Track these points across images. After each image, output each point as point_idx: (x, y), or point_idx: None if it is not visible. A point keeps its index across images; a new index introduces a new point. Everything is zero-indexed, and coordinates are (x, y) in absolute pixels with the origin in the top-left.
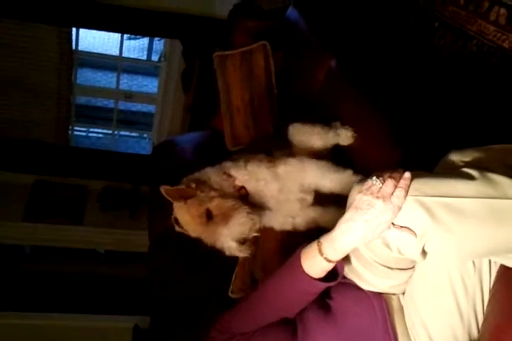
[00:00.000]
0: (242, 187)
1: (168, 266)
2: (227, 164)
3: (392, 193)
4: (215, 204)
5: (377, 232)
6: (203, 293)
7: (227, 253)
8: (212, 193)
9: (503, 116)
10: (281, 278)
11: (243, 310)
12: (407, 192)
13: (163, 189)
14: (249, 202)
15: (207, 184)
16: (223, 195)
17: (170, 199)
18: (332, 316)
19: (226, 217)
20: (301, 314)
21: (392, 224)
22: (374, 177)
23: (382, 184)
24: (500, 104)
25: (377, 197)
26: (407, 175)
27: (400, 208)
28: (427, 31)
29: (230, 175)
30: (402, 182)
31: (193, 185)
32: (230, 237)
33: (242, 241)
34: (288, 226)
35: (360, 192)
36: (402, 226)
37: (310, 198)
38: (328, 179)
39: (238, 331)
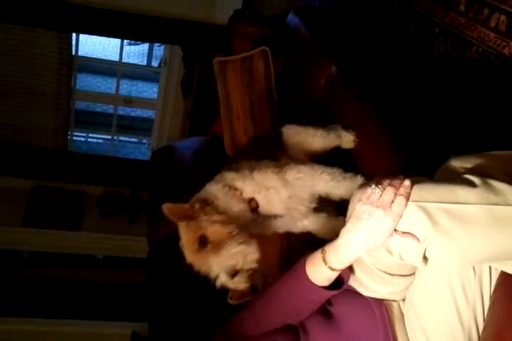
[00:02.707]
0: (252, 199)
1: (167, 272)
2: (230, 176)
3: (393, 201)
4: (213, 230)
5: (380, 241)
6: (202, 299)
7: (218, 285)
8: (216, 217)
9: (503, 123)
10: (285, 284)
11: (248, 315)
12: (407, 199)
13: (166, 208)
14: (259, 213)
15: (213, 205)
16: (227, 219)
17: (172, 219)
18: (333, 322)
19: (219, 246)
20: (303, 320)
21: (395, 230)
22: (373, 186)
23: (382, 192)
24: (501, 110)
25: (377, 206)
26: (407, 183)
27: (400, 216)
28: (427, 38)
29: (235, 188)
30: (402, 190)
31: (197, 206)
32: (219, 268)
33: (233, 273)
34: (295, 230)
35: (359, 200)
36: (404, 232)
37: (313, 205)
38: (340, 188)
39: (242, 334)
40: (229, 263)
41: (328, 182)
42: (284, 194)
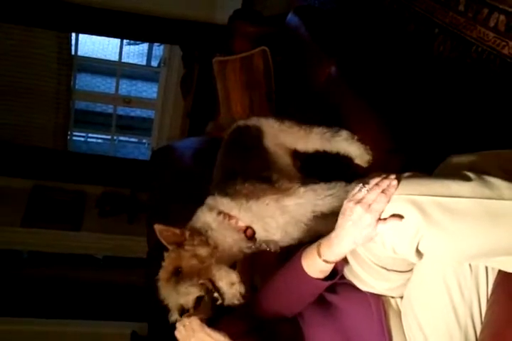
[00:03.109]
0: (248, 228)
1: None
2: (225, 202)
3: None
4: (189, 264)
5: (365, 235)
6: None
7: (170, 320)
8: (199, 250)
9: (502, 122)
10: (282, 276)
11: (244, 309)
12: (388, 197)
13: (157, 229)
14: (255, 240)
15: (205, 235)
16: (211, 253)
17: (163, 241)
18: (331, 314)
19: (180, 281)
20: (302, 311)
21: (379, 219)
22: (360, 185)
23: (368, 191)
24: (500, 110)
25: (357, 204)
26: (394, 182)
27: (380, 212)
28: (426, 37)
29: (230, 216)
30: (387, 189)
31: (187, 234)
32: (172, 304)
33: (182, 311)
34: (293, 243)
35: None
36: (385, 219)
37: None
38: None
39: (239, 327)
40: (177, 299)
41: (332, 204)
42: (281, 220)
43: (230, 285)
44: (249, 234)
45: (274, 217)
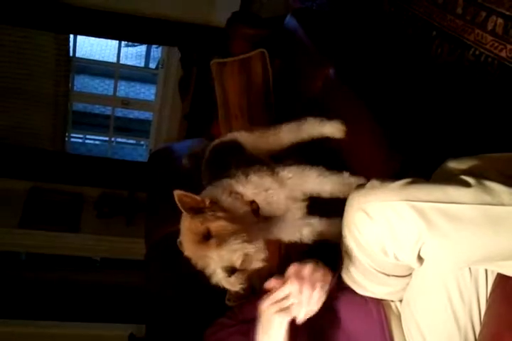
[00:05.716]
0: (253, 202)
1: (165, 274)
2: (228, 181)
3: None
4: (217, 225)
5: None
6: (200, 301)
7: (213, 281)
8: (220, 214)
9: (500, 125)
10: None
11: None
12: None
13: (177, 195)
14: (260, 215)
15: (219, 204)
16: (232, 218)
17: (180, 207)
18: (330, 317)
19: (222, 241)
20: None
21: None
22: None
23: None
24: (498, 113)
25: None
26: (307, 270)
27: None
28: (424, 40)
29: (237, 193)
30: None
31: (207, 202)
32: (217, 264)
33: (230, 271)
34: (295, 238)
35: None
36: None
37: (304, 206)
38: (328, 184)
39: (243, 317)
40: (227, 258)
41: (315, 179)
42: (281, 195)
43: (257, 250)
44: (254, 207)
45: (273, 189)
